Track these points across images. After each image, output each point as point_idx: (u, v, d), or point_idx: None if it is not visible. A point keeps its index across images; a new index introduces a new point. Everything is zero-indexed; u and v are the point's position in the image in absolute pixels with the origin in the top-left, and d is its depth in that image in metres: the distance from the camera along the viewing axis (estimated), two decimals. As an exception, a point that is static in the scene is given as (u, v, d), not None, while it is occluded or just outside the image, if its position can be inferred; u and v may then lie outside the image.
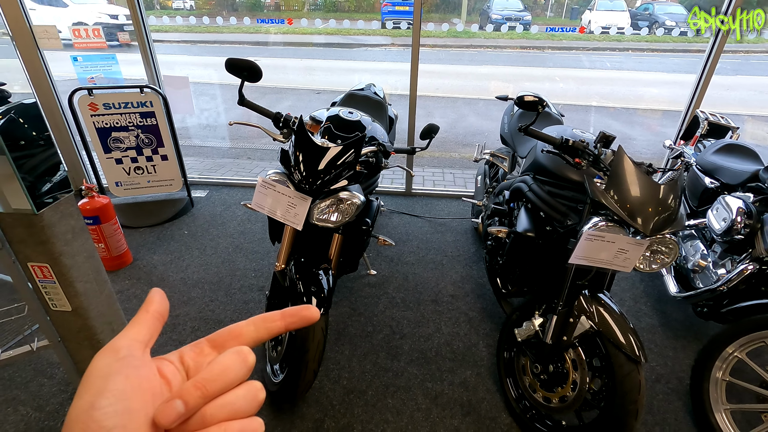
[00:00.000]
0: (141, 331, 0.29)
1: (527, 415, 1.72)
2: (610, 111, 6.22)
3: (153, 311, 0.31)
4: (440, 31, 9.25)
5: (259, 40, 10.26)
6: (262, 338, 0.33)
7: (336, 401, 1.83)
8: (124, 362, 0.27)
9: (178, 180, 3.15)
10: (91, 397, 0.25)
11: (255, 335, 0.33)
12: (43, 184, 1.29)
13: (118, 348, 0.27)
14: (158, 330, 0.31)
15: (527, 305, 1.74)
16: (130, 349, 0.28)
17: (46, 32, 2.89)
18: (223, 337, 0.32)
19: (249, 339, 0.32)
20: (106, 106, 2.80)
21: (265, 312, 0.34)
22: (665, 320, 2.32)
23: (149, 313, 0.31)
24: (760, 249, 1.81)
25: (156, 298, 0.32)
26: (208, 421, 0.27)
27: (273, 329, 0.33)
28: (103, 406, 0.24)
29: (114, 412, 0.24)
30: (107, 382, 0.25)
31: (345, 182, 1.56)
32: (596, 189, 1.41)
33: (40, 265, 1.36)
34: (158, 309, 0.32)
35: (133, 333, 0.29)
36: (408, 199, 3.54)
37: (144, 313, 0.31)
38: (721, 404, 1.67)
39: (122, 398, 0.25)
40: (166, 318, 0.32)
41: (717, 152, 2.35)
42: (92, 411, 0.24)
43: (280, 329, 0.33)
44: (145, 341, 0.29)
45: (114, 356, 0.27)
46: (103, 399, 0.24)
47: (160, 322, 0.31)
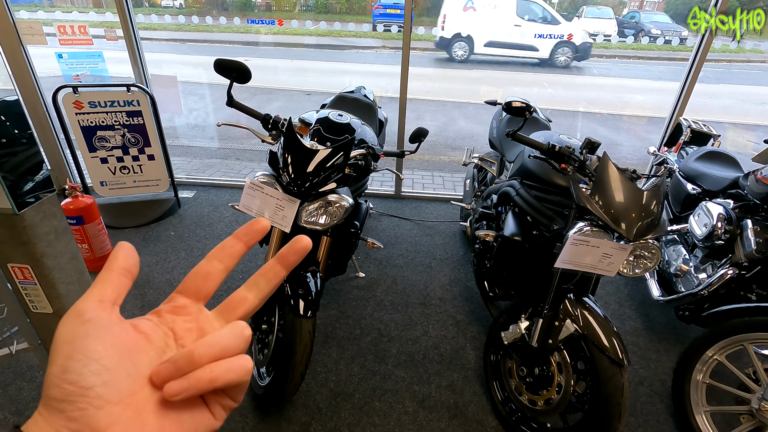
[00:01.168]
0: (105, 289, 0.28)
1: (513, 418, 1.74)
2: (596, 117, 6.32)
3: (118, 267, 0.29)
4: (430, 35, 9.28)
5: (250, 40, 10.21)
6: (229, 267, 0.33)
7: (323, 404, 1.82)
8: (90, 324, 0.26)
9: (165, 180, 3.11)
10: (62, 361, 0.24)
11: (221, 266, 0.32)
12: (24, 183, 1.27)
13: (81, 311, 0.26)
14: (126, 287, 0.29)
15: (514, 308, 1.76)
16: (94, 310, 0.27)
17: (30, 27, 2.84)
18: (193, 281, 0.32)
19: (216, 272, 0.32)
20: (91, 105, 2.75)
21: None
22: (648, 323, 2.36)
23: (113, 271, 0.29)
24: (740, 254, 1.85)
25: (120, 253, 0.30)
26: (197, 361, 0.26)
27: (234, 253, 0.33)
28: (75, 369, 0.24)
29: (90, 371, 0.24)
30: (74, 345, 0.25)
31: (334, 185, 1.56)
32: (581, 194, 1.43)
33: (20, 266, 1.33)
34: (123, 264, 0.30)
35: (96, 293, 0.28)
36: (397, 202, 3.55)
37: (107, 271, 0.29)
38: (702, 406, 1.71)
39: (94, 358, 0.25)
40: (135, 273, 0.30)
41: (699, 159, 2.40)
42: (65, 374, 0.24)
43: (241, 251, 0.33)
44: (111, 300, 0.28)
45: (78, 320, 0.26)
46: (73, 362, 0.24)
47: (127, 278, 0.29)
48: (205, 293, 0.32)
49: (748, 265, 1.84)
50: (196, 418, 0.28)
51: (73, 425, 0.24)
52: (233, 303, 0.32)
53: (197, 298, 0.31)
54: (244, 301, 0.32)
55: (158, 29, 9.61)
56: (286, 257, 0.33)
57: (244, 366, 0.28)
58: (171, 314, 0.30)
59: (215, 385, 0.26)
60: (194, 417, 0.27)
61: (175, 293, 0.32)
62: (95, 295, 0.28)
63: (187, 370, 0.26)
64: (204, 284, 0.32)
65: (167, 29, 9.77)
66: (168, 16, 8.04)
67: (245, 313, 0.32)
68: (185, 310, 0.31)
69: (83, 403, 0.24)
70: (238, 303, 0.32)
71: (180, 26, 10.38)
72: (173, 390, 0.25)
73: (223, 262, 0.32)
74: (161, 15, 8.26)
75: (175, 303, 0.31)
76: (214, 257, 0.32)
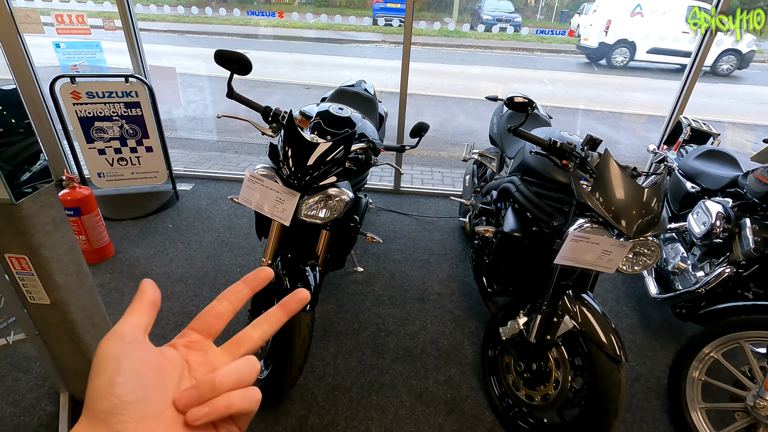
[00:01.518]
0: (140, 318, 0.32)
1: (510, 413, 1.75)
2: (596, 114, 6.32)
3: (148, 300, 0.33)
4: (431, 29, 9.24)
5: (249, 32, 10.14)
6: (237, 308, 0.37)
7: (320, 398, 1.82)
8: (131, 346, 0.29)
9: (163, 172, 3.10)
10: (109, 375, 0.27)
11: (231, 308, 0.36)
12: (22, 173, 1.26)
13: (123, 333, 0.29)
14: (153, 318, 0.33)
15: (512, 304, 1.76)
16: (133, 334, 0.30)
17: (27, 16, 2.81)
18: (204, 320, 0.35)
19: (227, 313, 0.36)
20: (89, 95, 2.73)
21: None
22: (646, 321, 2.38)
23: (144, 302, 0.33)
24: (737, 253, 1.86)
25: (149, 287, 0.34)
26: (217, 388, 0.30)
27: (242, 297, 0.37)
28: (121, 383, 0.27)
29: (132, 387, 0.27)
30: (120, 363, 0.28)
31: (334, 178, 1.55)
32: (582, 191, 1.43)
33: (17, 256, 1.32)
34: (152, 298, 0.33)
35: (133, 320, 0.31)
36: (396, 197, 3.54)
37: (139, 301, 0.33)
38: (697, 403, 1.72)
39: (136, 375, 0.28)
40: (158, 307, 0.34)
41: (698, 158, 2.40)
42: (112, 388, 0.26)
43: (248, 295, 0.37)
44: (143, 327, 0.31)
45: (121, 341, 0.29)
46: (119, 377, 0.27)
47: (154, 310, 0.33)
48: (215, 330, 0.35)
49: (745, 263, 1.85)
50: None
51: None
52: (240, 340, 0.36)
53: (208, 334, 0.35)
54: (249, 339, 0.36)
55: (157, 20, 9.52)
56: (288, 305, 0.37)
57: (254, 396, 0.31)
58: (185, 348, 0.34)
59: (231, 412, 0.30)
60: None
61: (188, 329, 0.35)
62: (132, 322, 0.31)
63: (208, 397, 0.29)
64: (215, 323, 0.35)
65: (166, 20, 9.69)
66: (167, 7, 7.96)
67: (249, 349, 0.36)
68: (197, 345, 0.34)
69: (126, 416, 0.26)
70: (244, 341, 0.36)
71: (179, 17, 10.29)
72: (196, 415, 0.29)
73: (233, 304, 0.36)
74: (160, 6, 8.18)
75: (189, 338, 0.34)
76: (224, 298, 0.36)
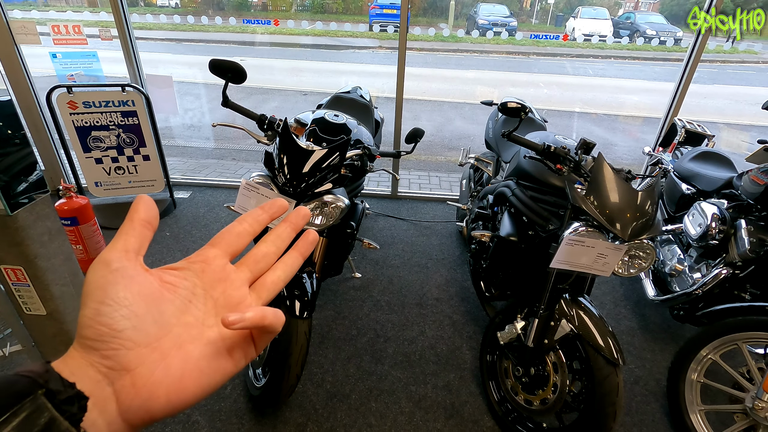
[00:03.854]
0: (129, 240, 0.30)
1: (509, 418, 1.74)
2: (592, 117, 6.35)
3: (139, 219, 0.31)
4: (427, 35, 9.30)
5: (246, 39, 10.18)
6: (256, 232, 0.36)
7: (319, 405, 1.81)
8: (118, 273, 0.28)
9: (161, 180, 3.10)
10: (95, 304, 0.26)
11: (250, 229, 0.36)
12: (18, 184, 1.26)
13: (108, 260, 0.28)
14: (148, 238, 0.31)
15: (510, 309, 1.76)
16: (120, 260, 0.28)
17: (24, 27, 2.82)
18: (224, 237, 0.35)
19: (246, 234, 0.35)
20: (86, 105, 2.74)
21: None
22: (644, 323, 2.38)
23: (135, 222, 0.31)
24: (733, 254, 1.87)
25: (141, 206, 0.32)
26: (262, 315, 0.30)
27: (261, 221, 0.36)
28: (108, 312, 0.26)
29: (120, 316, 0.27)
30: (105, 291, 0.27)
31: (329, 185, 1.56)
32: (577, 195, 1.43)
33: (13, 267, 1.32)
34: (144, 217, 0.31)
35: (120, 244, 0.29)
36: (394, 202, 3.55)
37: (129, 222, 0.31)
38: (696, 405, 1.72)
39: (124, 304, 0.27)
40: (155, 225, 0.32)
41: (693, 159, 2.41)
42: (98, 317, 0.26)
43: (266, 220, 0.37)
44: (134, 250, 0.30)
45: (106, 268, 0.28)
46: (105, 306, 0.26)
47: (148, 230, 0.31)
48: (234, 249, 0.35)
49: (741, 264, 1.85)
50: (214, 364, 0.30)
51: (107, 362, 0.26)
52: (256, 257, 0.35)
53: (226, 252, 0.34)
54: (265, 255, 0.35)
55: (154, 29, 9.57)
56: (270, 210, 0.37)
57: (281, 318, 0.31)
58: (202, 263, 0.33)
59: (263, 323, 0.29)
60: (214, 364, 0.30)
61: (207, 245, 0.34)
62: (120, 246, 0.29)
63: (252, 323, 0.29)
64: (235, 241, 0.35)
65: (163, 29, 9.73)
66: (163, 16, 8.00)
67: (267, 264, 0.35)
68: (215, 261, 0.33)
69: (115, 344, 0.26)
70: (260, 257, 0.35)
71: (175, 26, 10.33)
72: (232, 320, 0.27)
73: (252, 226, 0.36)
74: (156, 14, 8.22)
75: (206, 254, 0.33)
76: (244, 220, 0.36)
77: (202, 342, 0.30)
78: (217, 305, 0.32)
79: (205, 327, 0.31)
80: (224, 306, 0.32)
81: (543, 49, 10.76)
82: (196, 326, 0.30)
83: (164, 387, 0.27)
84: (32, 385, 0.22)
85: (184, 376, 0.28)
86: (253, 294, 0.34)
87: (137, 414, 0.27)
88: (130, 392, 0.26)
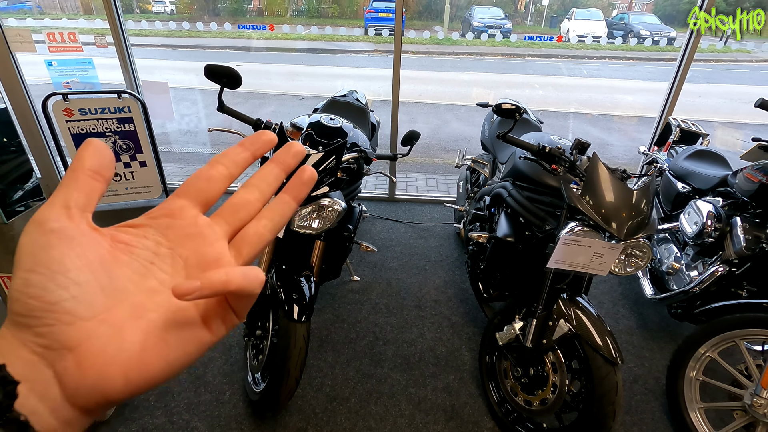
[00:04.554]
0: (71, 194, 0.24)
1: (509, 419, 1.74)
2: (587, 117, 6.38)
3: (85, 168, 0.25)
4: (422, 38, 9.34)
5: (242, 45, 10.20)
6: (234, 175, 0.30)
7: (319, 409, 1.81)
8: (53, 234, 0.23)
9: (158, 187, 3.10)
10: (23, 273, 0.22)
11: (226, 172, 0.29)
12: (14, 192, 1.26)
13: (42, 220, 0.23)
14: (98, 191, 0.25)
15: (508, 309, 1.76)
16: (58, 219, 0.24)
17: (19, 35, 2.82)
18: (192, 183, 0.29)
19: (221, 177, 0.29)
20: (81, 112, 2.74)
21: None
22: (642, 322, 2.38)
23: (79, 172, 0.25)
24: (729, 252, 1.87)
25: (87, 152, 0.25)
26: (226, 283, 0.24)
27: (240, 161, 0.30)
28: (38, 282, 0.22)
29: (55, 286, 0.22)
30: (36, 257, 0.23)
31: (326, 189, 1.56)
32: (572, 194, 1.44)
33: (9, 276, 1.31)
34: (92, 165, 0.25)
35: (60, 199, 0.24)
36: (391, 205, 3.55)
37: (71, 172, 0.25)
38: (696, 403, 1.72)
39: (59, 271, 0.23)
40: (108, 176, 0.26)
41: (688, 158, 2.43)
42: (27, 288, 0.22)
43: (247, 160, 0.31)
44: (79, 206, 0.24)
45: (39, 230, 0.23)
46: (35, 275, 0.22)
47: (98, 181, 0.25)
48: (206, 197, 0.29)
49: (738, 262, 1.86)
50: (186, 335, 0.25)
51: (42, 341, 0.22)
52: (236, 205, 0.29)
53: (197, 201, 0.28)
54: (247, 203, 0.30)
55: (149, 35, 9.58)
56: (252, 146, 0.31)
57: (258, 276, 0.25)
58: (166, 218, 0.27)
59: (228, 288, 0.24)
60: (185, 334, 0.25)
61: (172, 196, 0.28)
62: (59, 202, 0.24)
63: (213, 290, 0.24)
64: (207, 186, 0.29)
65: (158, 35, 9.74)
66: (159, 23, 8.02)
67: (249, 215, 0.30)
68: (182, 213, 0.28)
69: (50, 318, 0.22)
70: (241, 205, 0.30)
71: (171, 32, 10.35)
72: (184, 289, 0.23)
73: (228, 168, 0.29)
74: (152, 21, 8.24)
75: (171, 206, 0.28)
76: (217, 162, 0.29)
77: (168, 309, 0.25)
78: (188, 265, 0.27)
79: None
80: (196, 266, 0.27)
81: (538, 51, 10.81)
82: (161, 291, 0.26)
83: (120, 364, 0.23)
84: None
85: (146, 351, 0.24)
86: (233, 250, 0.29)
87: (89, 397, 0.23)
88: (75, 373, 0.22)
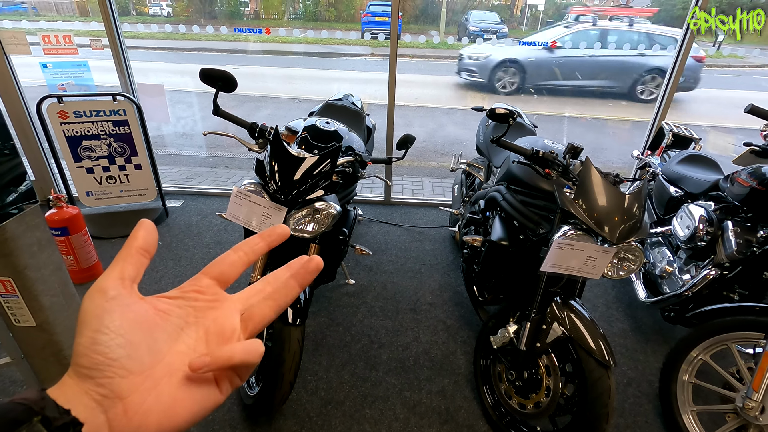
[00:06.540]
0: (126, 268, 0.30)
1: (503, 422, 1.74)
2: (581, 122, 6.42)
3: (137, 246, 0.32)
4: (417, 42, 9.38)
5: (238, 48, 10.19)
6: (251, 261, 0.37)
7: (313, 413, 1.81)
8: (114, 302, 0.28)
9: (153, 189, 3.09)
10: (90, 333, 0.27)
11: (246, 258, 0.36)
12: (6, 194, 1.25)
13: (105, 288, 0.29)
14: (144, 265, 0.32)
15: (502, 313, 1.77)
16: (117, 288, 0.29)
17: (14, 37, 2.81)
18: (217, 266, 0.35)
19: (240, 263, 0.36)
20: (76, 114, 2.73)
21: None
22: (636, 325, 2.39)
23: (132, 249, 0.32)
24: (721, 255, 1.89)
25: (140, 233, 0.33)
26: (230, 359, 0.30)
27: (257, 250, 0.37)
28: (104, 341, 0.27)
29: (116, 345, 0.27)
30: (102, 320, 0.27)
31: (321, 192, 1.56)
32: (565, 198, 1.45)
33: (2, 279, 1.30)
34: (143, 244, 0.32)
35: (117, 272, 0.30)
36: (387, 208, 3.56)
37: (128, 249, 0.32)
38: (689, 406, 1.73)
39: (120, 333, 0.27)
40: (152, 252, 0.33)
41: (681, 162, 2.45)
42: (94, 346, 0.27)
43: (263, 249, 0.37)
44: (131, 278, 0.30)
45: (103, 297, 0.28)
46: (101, 335, 0.27)
47: (145, 257, 0.32)
48: (227, 278, 0.35)
49: (729, 265, 1.88)
50: (204, 392, 0.30)
51: (101, 390, 0.26)
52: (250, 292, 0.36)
53: (220, 281, 0.35)
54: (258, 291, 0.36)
55: (145, 38, 9.56)
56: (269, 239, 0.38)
57: (257, 349, 0.31)
58: (195, 293, 0.33)
59: (232, 363, 0.29)
60: (203, 392, 0.30)
61: (200, 274, 0.35)
62: (117, 274, 0.30)
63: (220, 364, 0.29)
64: (228, 269, 0.35)
65: (154, 38, 9.72)
66: (155, 25, 8.01)
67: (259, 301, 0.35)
68: (208, 290, 0.34)
69: (110, 372, 0.27)
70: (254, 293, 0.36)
71: (167, 35, 10.33)
72: (197, 365, 0.28)
73: (247, 255, 0.36)
74: (148, 23, 8.22)
75: (200, 283, 0.34)
76: (240, 249, 0.36)
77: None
78: (208, 334, 0.32)
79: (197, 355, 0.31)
80: (216, 334, 0.32)
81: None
82: (188, 354, 0.31)
83: (155, 414, 0.27)
84: (28, 412, 0.23)
85: (176, 404, 0.28)
86: (242, 323, 0.34)
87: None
88: (122, 419, 0.27)
